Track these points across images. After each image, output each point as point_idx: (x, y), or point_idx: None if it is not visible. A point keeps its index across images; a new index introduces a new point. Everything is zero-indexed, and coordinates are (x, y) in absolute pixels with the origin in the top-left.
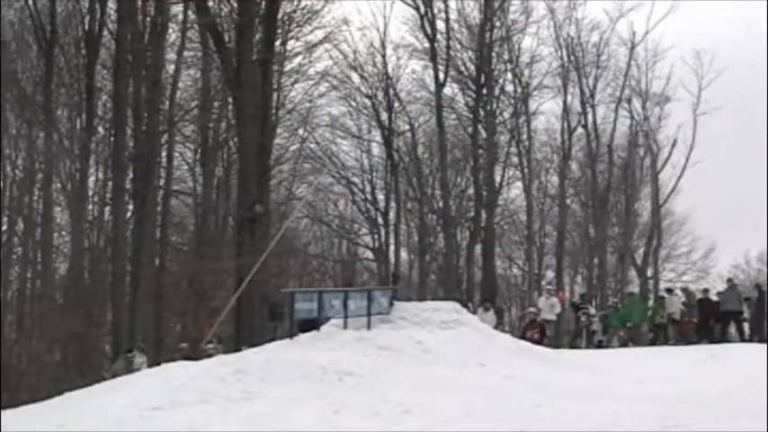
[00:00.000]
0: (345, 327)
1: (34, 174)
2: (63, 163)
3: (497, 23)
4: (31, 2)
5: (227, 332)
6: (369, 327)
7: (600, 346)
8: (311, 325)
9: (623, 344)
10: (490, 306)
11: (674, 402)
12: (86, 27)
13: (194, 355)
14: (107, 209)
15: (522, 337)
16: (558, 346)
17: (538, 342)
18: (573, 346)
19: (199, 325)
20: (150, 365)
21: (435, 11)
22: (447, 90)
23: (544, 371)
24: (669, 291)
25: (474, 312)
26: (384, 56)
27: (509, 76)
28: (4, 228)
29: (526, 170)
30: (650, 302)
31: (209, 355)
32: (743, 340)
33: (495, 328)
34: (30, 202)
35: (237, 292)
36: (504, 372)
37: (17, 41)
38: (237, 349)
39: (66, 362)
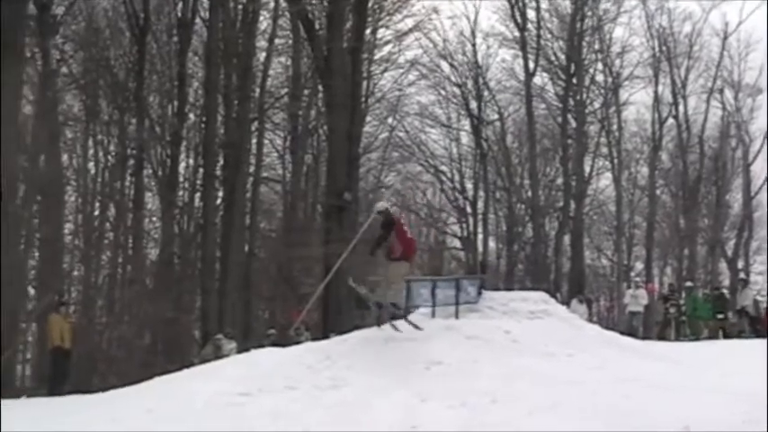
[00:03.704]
0: (433, 316)
1: (126, 160)
2: (154, 149)
3: (588, 13)
4: None
5: (315, 319)
6: (457, 316)
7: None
8: (399, 314)
9: (712, 336)
10: (583, 298)
11: (755, 398)
12: (179, 14)
13: (282, 341)
14: (197, 195)
15: None
16: (646, 338)
17: None
18: (661, 338)
19: (287, 312)
20: (239, 352)
21: (526, 0)
22: (537, 79)
23: (632, 362)
24: (744, 282)
25: (562, 303)
26: (474, 45)
27: (599, 65)
28: (96, 213)
29: (616, 160)
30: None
31: (298, 342)
32: None
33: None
34: (121, 187)
35: (325, 279)
36: (591, 363)
37: (111, 28)
38: (325, 336)
39: (156, 347)
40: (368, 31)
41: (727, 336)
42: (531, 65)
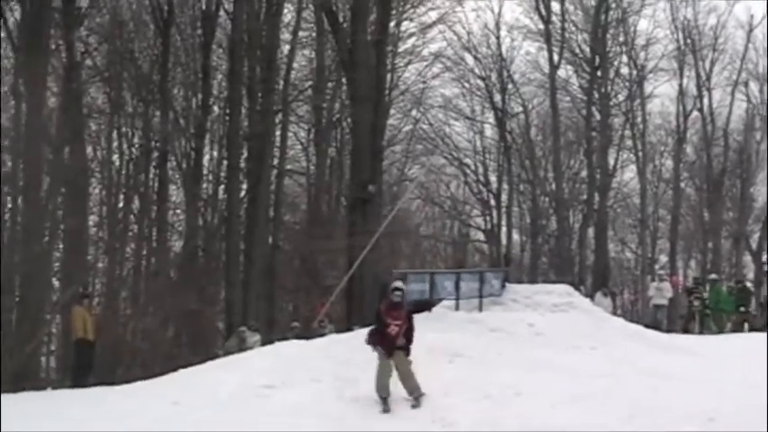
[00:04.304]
0: (457, 308)
1: (150, 152)
2: (178, 142)
3: (613, 5)
4: None
5: (339, 312)
6: (480, 308)
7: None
8: (423, 306)
9: (736, 329)
10: (608, 291)
11: None
12: (203, 7)
13: (306, 334)
14: (221, 187)
15: None
16: (670, 331)
17: None
18: (685, 331)
19: (311, 304)
20: (262, 344)
21: None
22: (561, 72)
23: (656, 355)
24: None
25: (586, 296)
26: (498, 37)
27: (624, 58)
28: (121, 205)
29: (640, 153)
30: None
31: (322, 335)
32: None
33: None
34: (146, 180)
35: (349, 272)
36: (615, 355)
37: (135, 21)
38: (349, 329)
39: (180, 339)
40: (392, 24)
41: (752, 329)
42: (556, 57)
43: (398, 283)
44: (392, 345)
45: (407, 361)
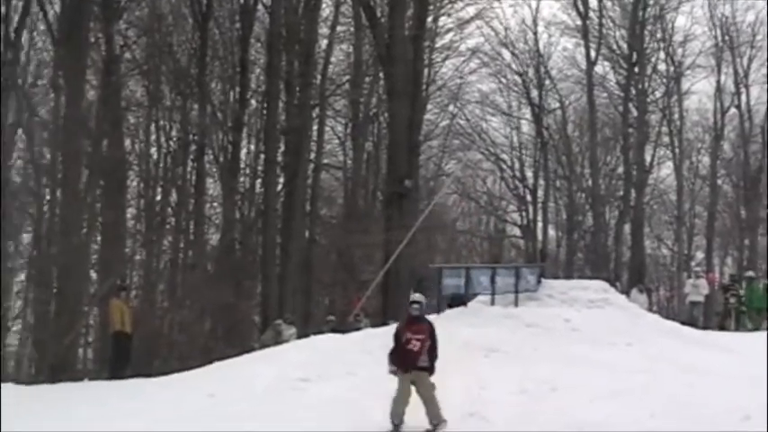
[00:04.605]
0: (493, 303)
1: (188, 145)
2: (216, 135)
3: (650, 1)
4: None
5: (375, 306)
6: (516, 304)
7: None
8: (459, 301)
9: None
10: (644, 287)
11: None
12: (241, 1)
13: (342, 328)
14: (258, 181)
15: None
16: (706, 328)
17: None
18: (722, 328)
19: (347, 298)
20: (299, 337)
21: None
22: (598, 68)
23: (692, 352)
24: None
25: (622, 292)
26: (535, 33)
27: (661, 54)
28: (158, 198)
29: (677, 150)
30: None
31: (357, 329)
32: None
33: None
34: (183, 173)
35: (385, 266)
36: (650, 352)
37: (173, 14)
38: (385, 323)
39: (216, 332)
40: (429, 19)
41: None
42: (593, 53)
43: (417, 296)
44: (413, 363)
45: (431, 385)
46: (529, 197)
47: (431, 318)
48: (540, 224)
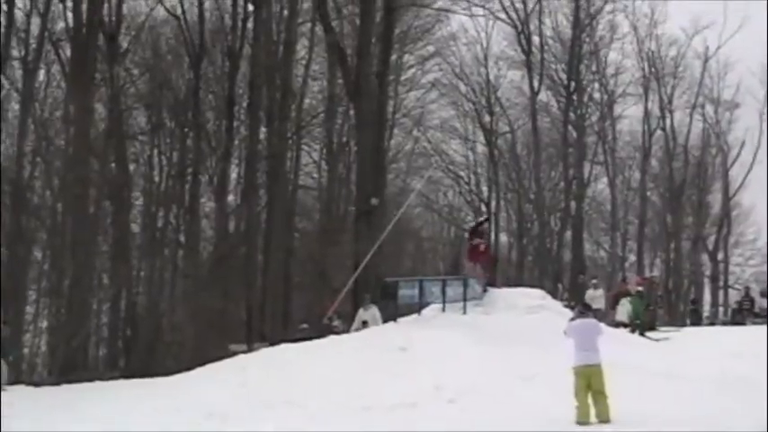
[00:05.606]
0: (443, 311)
1: (185, 169)
2: (210, 160)
3: (586, 39)
4: (183, 22)
5: (347, 310)
6: (464, 311)
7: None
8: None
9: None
10: (597, 284)
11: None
12: (229, 43)
13: (314, 334)
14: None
15: None
16: None
17: None
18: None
19: (322, 303)
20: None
21: (531, 28)
22: (542, 96)
23: (626, 351)
24: None
25: (565, 290)
26: (486, 67)
27: (596, 85)
28: (161, 214)
29: (611, 166)
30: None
31: (331, 329)
32: None
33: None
34: (181, 193)
35: (355, 274)
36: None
37: (171, 54)
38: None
39: (207, 334)
40: (394, 57)
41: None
42: (537, 84)
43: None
44: None
45: None
46: (483, 208)
47: (388, 325)
48: (493, 232)
